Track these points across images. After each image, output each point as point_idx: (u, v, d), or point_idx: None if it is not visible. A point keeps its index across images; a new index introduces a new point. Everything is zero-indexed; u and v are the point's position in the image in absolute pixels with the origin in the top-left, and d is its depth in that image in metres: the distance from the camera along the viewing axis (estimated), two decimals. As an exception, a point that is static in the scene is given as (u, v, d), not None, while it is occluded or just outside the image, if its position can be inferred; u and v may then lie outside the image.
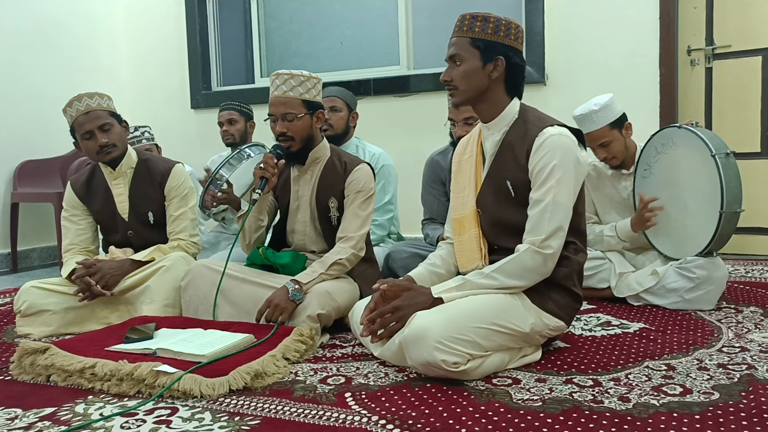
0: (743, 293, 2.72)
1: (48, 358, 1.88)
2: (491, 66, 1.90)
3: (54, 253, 4.35)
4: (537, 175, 1.86)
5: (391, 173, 3.27)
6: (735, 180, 2.42)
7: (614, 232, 2.70)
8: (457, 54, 1.92)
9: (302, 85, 2.31)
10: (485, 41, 1.89)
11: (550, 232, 1.81)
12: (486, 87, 1.93)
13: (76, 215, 2.70)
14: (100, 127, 2.54)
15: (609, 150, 2.68)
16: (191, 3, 4.81)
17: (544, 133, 1.87)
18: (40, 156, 4.27)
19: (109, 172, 2.65)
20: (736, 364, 1.82)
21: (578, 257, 1.95)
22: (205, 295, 2.33)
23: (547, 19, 3.84)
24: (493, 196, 1.98)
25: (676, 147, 2.57)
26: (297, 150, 2.37)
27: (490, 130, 2.00)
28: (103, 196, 2.67)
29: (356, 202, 2.37)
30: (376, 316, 1.84)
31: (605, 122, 2.63)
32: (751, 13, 3.61)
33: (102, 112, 2.56)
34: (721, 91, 3.72)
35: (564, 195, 1.84)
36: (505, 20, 1.91)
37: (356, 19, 4.60)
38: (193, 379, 1.70)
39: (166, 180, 2.68)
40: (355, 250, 2.34)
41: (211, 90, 4.88)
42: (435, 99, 4.06)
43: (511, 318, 1.80)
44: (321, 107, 2.39)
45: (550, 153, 1.84)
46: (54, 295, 2.47)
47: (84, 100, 2.54)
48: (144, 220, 2.67)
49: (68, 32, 4.58)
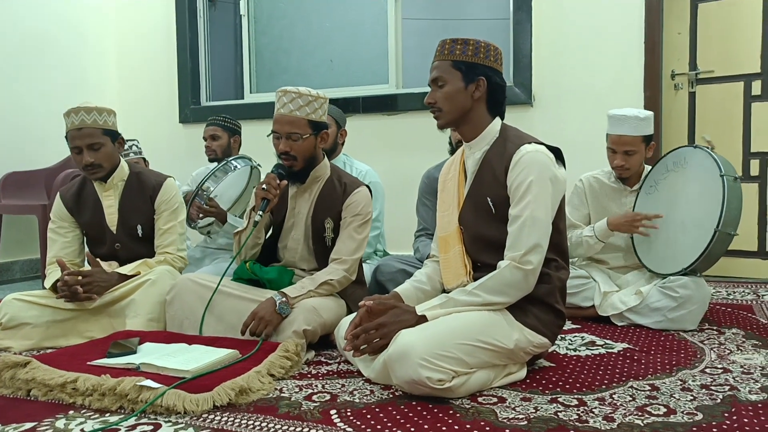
0: (725, 315, 2.74)
1: (29, 372, 1.85)
2: (473, 86, 1.95)
3: (36, 266, 4.30)
4: (515, 192, 1.89)
5: (378, 190, 3.29)
6: (736, 203, 2.46)
7: (592, 232, 2.72)
8: (440, 76, 1.96)
9: (309, 105, 2.30)
10: (466, 63, 1.94)
11: (529, 248, 1.83)
12: (469, 107, 1.97)
13: (64, 227, 2.67)
14: (89, 146, 2.52)
15: (629, 160, 2.70)
16: (182, 18, 4.82)
17: (521, 150, 1.91)
18: (25, 167, 4.23)
19: (100, 184, 2.64)
20: (719, 385, 1.83)
21: (560, 274, 1.97)
22: (191, 310, 2.31)
23: (535, 42, 3.89)
24: (474, 213, 2.00)
25: (686, 166, 2.62)
26: (299, 169, 2.36)
27: (472, 149, 2.04)
28: (93, 208, 2.66)
29: (353, 224, 2.37)
30: (361, 332, 1.84)
31: (642, 132, 2.66)
32: (734, 40, 3.68)
33: (94, 131, 2.52)
34: (704, 115, 3.78)
35: (541, 210, 1.86)
36: (484, 42, 1.96)
37: (346, 38, 4.64)
38: (176, 394, 1.68)
39: (157, 193, 2.67)
40: (347, 273, 2.34)
41: (200, 105, 4.88)
42: (423, 118, 4.07)
43: (495, 334, 1.81)
44: (326, 127, 2.38)
45: (526, 169, 1.87)
46: (36, 307, 2.43)
47: (80, 115, 2.51)
48: (132, 233, 2.66)
49: (57, 45, 4.57)
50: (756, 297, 3.12)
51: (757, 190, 3.66)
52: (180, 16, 4.83)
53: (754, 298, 3.11)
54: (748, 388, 1.80)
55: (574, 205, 2.85)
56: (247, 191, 3.24)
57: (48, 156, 4.31)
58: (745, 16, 3.64)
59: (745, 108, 3.68)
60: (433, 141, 3.53)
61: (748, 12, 3.63)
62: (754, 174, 3.67)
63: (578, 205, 2.85)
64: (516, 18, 3.94)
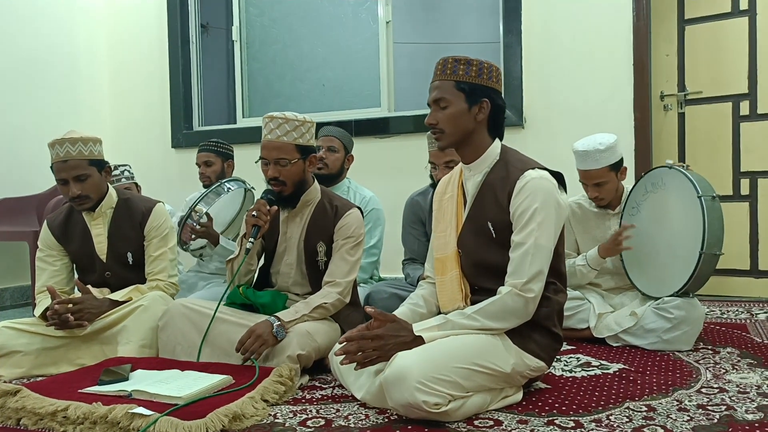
0: (720, 334, 2.74)
1: (19, 401, 1.82)
2: (476, 108, 1.94)
3: (27, 293, 4.26)
4: (518, 218, 1.87)
5: (380, 218, 3.28)
6: (718, 223, 2.47)
7: (585, 261, 2.72)
8: (442, 98, 1.94)
9: (296, 129, 2.31)
10: (470, 84, 1.92)
11: (532, 276, 1.82)
12: (472, 129, 1.96)
13: (52, 255, 2.64)
14: (75, 177, 2.48)
15: (601, 190, 2.71)
16: (174, 43, 4.85)
17: (525, 176, 1.89)
18: (16, 194, 4.21)
19: (88, 213, 2.62)
20: (716, 405, 1.82)
21: (558, 297, 1.96)
22: (183, 335, 2.29)
23: (525, 64, 3.93)
24: (474, 237, 1.99)
25: (665, 187, 2.62)
26: (288, 194, 2.36)
27: (471, 171, 2.02)
28: (81, 237, 2.63)
29: (345, 247, 2.36)
30: (357, 337, 1.81)
31: (606, 163, 2.65)
32: (722, 61, 3.74)
33: (80, 162, 2.48)
34: (694, 136, 3.82)
35: (545, 238, 1.85)
36: (487, 63, 1.95)
37: (338, 62, 4.68)
38: (169, 421, 1.65)
39: (147, 220, 2.64)
40: (341, 296, 2.33)
41: (193, 129, 4.89)
42: (415, 140, 4.11)
43: (492, 358, 1.80)
44: (314, 151, 2.39)
45: (531, 196, 1.86)
46: (26, 335, 2.40)
47: (65, 146, 2.46)
48: (122, 260, 2.63)
49: (50, 71, 4.58)
50: (750, 316, 3.13)
51: (747, 209, 3.69)
52: (172, 42, 4.86)
53: (748, 317, 3.11)
54: (745, 408, 1.79)
55: None
56: (241, 214, 3.23)
57: (40, 182, 4.29)
58: (732, 37, 3.70)
59: (734, 128, 3.72)
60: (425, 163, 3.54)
61: (735, 33, 3.69)
62: (744, 193, 3.70)
63: (565, 233, 2.84)
64: (506, 41, 3.99)
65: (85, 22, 4.89)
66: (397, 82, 4.44)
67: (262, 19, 4.86)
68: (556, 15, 3.88)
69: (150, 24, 4.93)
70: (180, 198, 3.84)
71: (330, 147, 3.24)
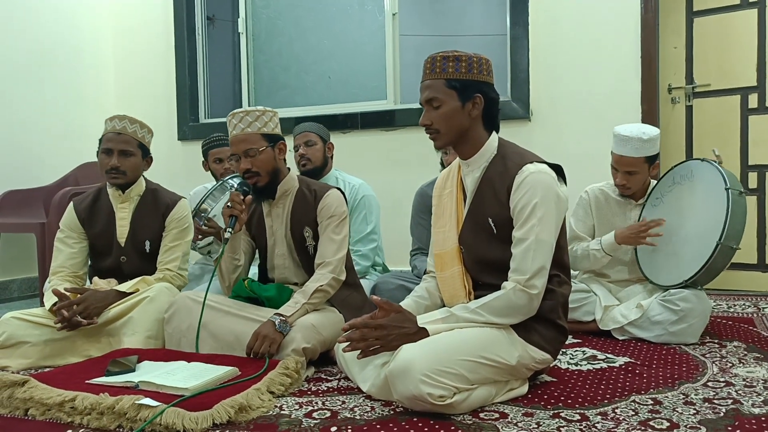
0: (726, 328, 2.73)
1: (26, 392, 1.84)
2: (470, 105, 1.91)
3: (34, 284, 4.28)
4: (519, 213, 1.86)
5: (372, 203, 3.30)
6: (740, 218, 2.46)
7: (599, 246, 2.69)
8: (435, 97, 1.91)
9: (259, 119, 2.34)
10: (461, 81, 1.89)
11: (534, 271, 1.81)
12: (467, 126, 1.94)
13: (72, 237, 2.68)
14: (121, 151, 2.61)
15: (630, 179, 2.68)
16: (180, 35, 4.85)
17: (524, 170, 1.87)
18: (23, 186, 4.23)
19: (118, 195, 2.68)
20: (722, 399, 1.82)
21: (562, 289, 1.96)
22: (189, 327, 2.30)
23: (532, 56, 3.91)
24: (475, 233, 1.97)
25: (692, 179, 2.62)
26: (264, 184, 2.38)
27: (469, 166, 2.00)
28: (105, 219, 2.68)
29: (330, 226, 2.38)
30: (360, 325, 1.81)
31: (644, 154, 2.63)
32: (730, 53, 3.71)
33: (131, 139, 2.63)
34: (702, 129, 3.80)
35: (546, 233, 1.84)
36: (476, 56, 1.92)
37: (344, 54, 4.66)
38: (176, 412, 1.66)
39: (170, 211, 2.70)
40: (334, 275, 2.33)
41: (199, 122, 4.89)
42: (421, 133, 4.01)
43: (497, 351, 1.79)
44: (281, 139, 2.41)
45: (531, 191, 1.84)
46: (34, 326, 2.42)
47: (124, 122, 2.63)
48: (140, 247, 2.67)
49: (56, 63, 4.58)
50: (757, 310, 3.12)
51: (756, 203, 3.67)
52: (179, 34, 4.86)
53: (755, 310, 3.10)
54: (751, 402, 1.79)
55: (578, 217, 2.83)
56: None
57: (46, 174, 4.31)
58: (741, 29, 3.67)
59: (742, 121, 3.69)
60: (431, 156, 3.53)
61: (744, 26, 3.66)
62: (752, 186, 3.68)
63: (583, 217, 2.83)
64: (513, 33, 3.97)
65: (90, 15, 4.88)
66: (403, 74, 4.42)
67: (268, 11, 4.85)
68: (563, 7, 3.86)
69: (156, 16, 4.92)
70: (185, 190, 3.83)
71: (307, 142, 3.28)
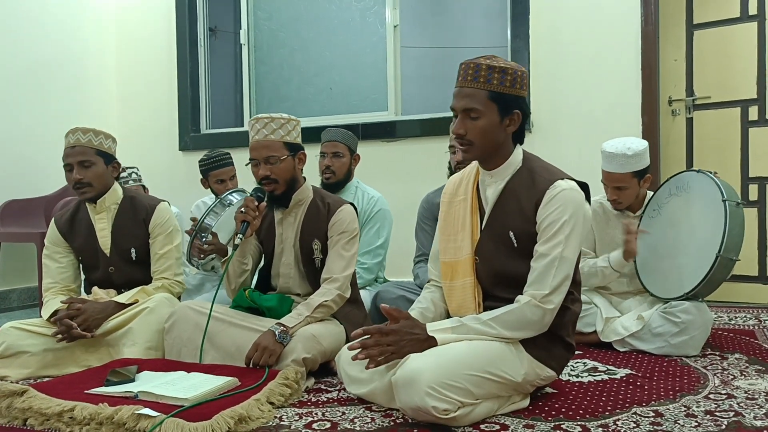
0: (728, 340, 2.72)
1: (25, 401, 1.83)
2: (508, 120, 1.86)
3: (34, 294, 4.27)
4: (546, 229, 1.82)
5: (387, 218, 3.27)
6: (738, 229, 2.46)
7: (608, 263, 2.68)
8: (474, 108, 1.83)
9: (283, 127, 2.34)
10: (504, 95, 1.83)
11: (554, 288, 1.78)
12: (502, 141, 1.89)
13: (58, 252, 2.67)
14: (79, 163, 2.55)
15: (620, 194, 2.69)
16: (183, 46, 4.87)
17: (556, 186, 1.84)
18: (24, 195, 4.24)
19: (93, 207, 2.65)
20: (724, 411, 1.81)
21: (575, 307, 1.94)
22: (189, 337, 2.29)
23: (533, 68, 3.93)
24: (494, 245, 1.92)
25: (689, 190, 2.62)
26: (281, 193, 2.37)
27: (493, 177, 1.94)
28: (86, 232, 2.66)
29: (340, 242, 2.37)
30: (374, 332, 1.79)
31: (630, 169, 2.63)
32: (730, 66, 3.72)
33: (86, 149, 2.56)
34: (702, 141, 3.81)
35: (570, 251, 1.81)
36: (519, 70, 1.86)
37: (345, 66, 4.68)
38: (175, 423, 1.66)
39: (151, 217, 2.67)
40: (340, 291, 2.33)
41: (200, 132, 4.91)
42: (422, 144, 4.12)
43: (505, 367, 1.78)
44: (302, 148, 2.41)
45: (561, 208, 1.81)
46: (33, 336, 2.41)
47: (77, 134, 2.57)
48: (126, 256, 2.65)
49: (58, 73, 4.60)
50: (758, 322, 3.11)
51: (756, 215, 3.67)
52: (181, 45, 4.88)
53: (756, 323, 3.09)
54: (753, 414, 1.78)
55: None
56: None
57: (47, 184, 4.32)
58: (741, 42, 3.68)
59: (743, 133, 3.70)
60: (431, 167, 3.55)
61: (744, 38, 3.68)
62: (753, 198, 3.68)
63: (586, 233, 2.82)
64: (514, 46, 3.98)
65: (93, 26, 4.91)
66: (405, 86, 4.44)
67: (270, 23, 4.88)
68: (563, 19, 3.88)
69: (158, 27, 4.95)
70: (186, 200, 3.84)
71: (335, 153, 3.20)
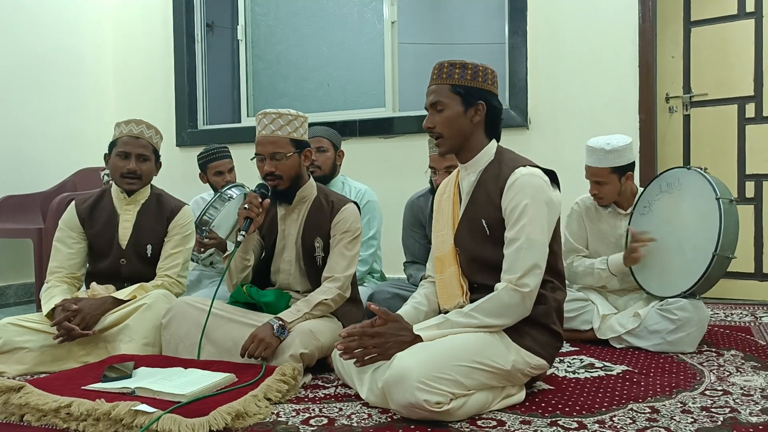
0: (724, 337, 2.73)
1: (22, 397, 1.83)
2: (473, 111, 1.97)
3: (31, 290, 4.27)
4: (510, 214, 1.90)
5: (376, 209, 3.30)
6: (733, 227, 2.47)
7: (605, 266, 2.70)
8: (439, 101, 1.98)
9: (290, 124, 2.33)
10: (465, 87, 1.96)
11: (526, 270, 1.83)
12: (469, 132, 1.99)
13: (71, 237, 2.66)
14: (138, 155, 2.63)
15: (600, 189, 2.70)
16: (180, 42, 4.86)
17: (515, 173, 1.92)
18: (21, 191, 4.23)
19: (123, 198, 2.67)
20: (719, 407, 1.82)
21: (556, 295, 1.97)
22: (186, 333, 2.29)
23: (530, 65, 3.93)
24: (470, 235, 2.01)
25: (681, 188, 2.62)
26: (285, 189, 2.37)
27: (467, 170, 2.05)
28: (107, 220, 2.67)
29: (343, 242, 2.37)
30: (359, 333, 1.82)
31: (607, 165, 2.65)
32: (727, 63, 3.73)
33: (148, 144, 2.67)
34: (699, 138, 3.81)
35: (537, 233, 1.86)
36: (482, 66, 1.99)
37: (343, 62, 4.68)
38: (172, 419, 1.66)
39: (174, 216, 2.71)
40: (341, 291, 2.33)
41: (197, 128, 4.89)
42: (420, 141, 4.10)
43: (492, 355, 1.80)
44: (308, 145, 2.41)
45: (521, 192, 1.89)
46: (30, 332, 2.40)
47: (141, 126, 2.66)
48: (141, 252, 2.66)
49: (56, 68, 4.59)
50: (754, 319, 3.12)
51: (752, 212, 3.68)
52: (178, 41, 4.87)
53: (752, 319, 3.10)
54: (749, 410, 1.79)
55: (573, 230, 2.83)
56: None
57: (44, 180, 4.31)
58: (738, 39, 3.69)
59: (740, 130, 3.71)
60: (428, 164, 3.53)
61: (741, 36, 3.68)
62: (749, 196, 3.69)
63: (577, 230, 2.83)
64: (511, 42, 3.98)
65: (90, 21, 4.90)
66: (402, 82, 4.44)
67: (268, 19, 4.87)
68: (561, 16, 3.88)
69: (156, 23, 4.94)
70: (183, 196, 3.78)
71: (319, 148, 3.21)
